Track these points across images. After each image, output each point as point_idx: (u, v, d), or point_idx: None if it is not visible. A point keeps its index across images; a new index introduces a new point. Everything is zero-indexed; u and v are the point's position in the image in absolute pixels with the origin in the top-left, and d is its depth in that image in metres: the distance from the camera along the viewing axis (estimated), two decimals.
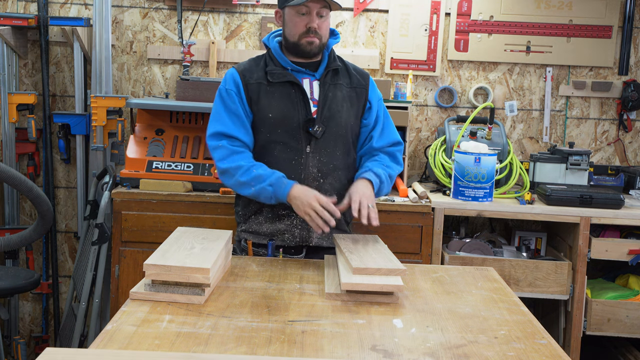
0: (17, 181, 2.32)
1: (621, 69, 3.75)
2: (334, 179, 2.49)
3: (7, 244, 2.48)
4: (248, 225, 2.52)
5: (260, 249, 2.50)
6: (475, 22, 3.72)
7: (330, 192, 2.47)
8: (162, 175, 3.16)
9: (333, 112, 2.47)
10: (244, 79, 2.48)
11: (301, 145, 2.45)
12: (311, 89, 2.49)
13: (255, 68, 2.51)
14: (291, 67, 2.48)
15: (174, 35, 3.71)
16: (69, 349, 1.41)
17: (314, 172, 2.46)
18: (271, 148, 2.47)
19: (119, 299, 3.10)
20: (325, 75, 2.50)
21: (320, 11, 2.44)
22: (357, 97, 2.55)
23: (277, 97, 2.46)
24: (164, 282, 1.84)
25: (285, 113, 2.45)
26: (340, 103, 2.49)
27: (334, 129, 2.48)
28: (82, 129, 3.58)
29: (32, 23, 3.52)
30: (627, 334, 3.19)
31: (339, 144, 2.50)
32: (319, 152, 2.47)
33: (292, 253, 2.49)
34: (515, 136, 3.81)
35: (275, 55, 2.51)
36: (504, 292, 2.09)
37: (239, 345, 1.57)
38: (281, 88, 2.47)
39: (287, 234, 2.48)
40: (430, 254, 3.12)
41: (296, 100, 2.46)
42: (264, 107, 2.46)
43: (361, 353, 1.57)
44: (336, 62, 2.54)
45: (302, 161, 2.45)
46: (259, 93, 2.47)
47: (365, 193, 2.35)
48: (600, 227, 3.27)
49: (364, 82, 2.58)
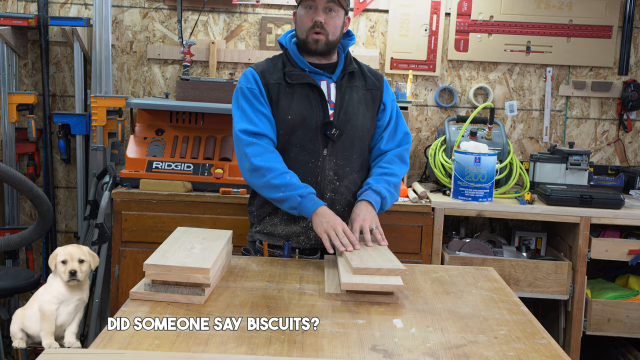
0: (17, 181, 2.32)
1: (621, 69, 3.75)
2: (349, 181, 2.48)
3: (7, 244, 2.47)
4: (263, 226, 2.50)
5: (276, 250, 2.48)
6: (475, 22, 3.72)
7: (346, 195, 2.47)
8: (162, 175, 3.15)
9: (350, 115, 2.46)
10: (264, 79, 2.45)
11: (318, 148, 2.43)
12: (328, 91, 2.47)
13: (274, 69, 2.48)
14: (309, 68, 2.47)
15: (174, 35, 3.71)
16: (69, 349, 1.41)
17: (330, 175, 2.45)
18: (288, 150, 2.44)
19: (119, 299, 3.10)
20: (342, 77, 2.49)
21: (327, 6, 2.41)
22: (372, 99, 2.54)
23: (296, 98, 2.44)
24: (164, 282, 1.84)
25: (304, 115, 2.42)
26: (356, 106, 2.48)
27: (350, 132, 2.46)
28: (82, 129, 3.58)
29: (32, 23, 3.52)
30: (627, 334, 3.19)
31: (355, 146, 2.48)
32: (336, 155, 2.45)
33: (306, 254, 2.48)
34: (515, 136, 3.81)
35: (293, 57, 2.48)
36: (504, 292, 2.09)
37: (239, 345, 1.57)
38: (300, 89, 2.44)
39: (302, 237, 2.46)
40: (430, 254, 3.12)
41: (315, 102, 2.44)
42: (283, 109, 2.44)
43: (361, 353, 1.57)
44: (352, 64, 2.53)
45: (319, 164, 2.44)
46: (279, 94, 2.44)
47: (367, 217, 2.32)
48: (600, 227, 3.27)
49: (378, 83, 2.56)
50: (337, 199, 2.45)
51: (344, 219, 2.43)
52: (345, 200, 2.47)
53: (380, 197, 2.42)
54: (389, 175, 2.49)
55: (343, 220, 2.33)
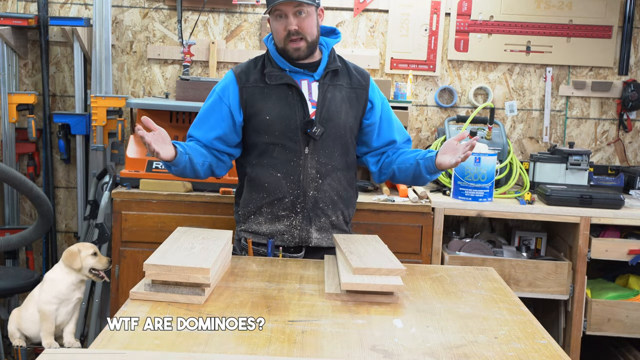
0: (17, 181, 2.32)
1: (621, 69, 3.75)
2: (332, 179, 2.49)
3: (7, 244, 2.48)
4: (248, 225, 2.53)
5: (260, 247, 2.50)
6: (475, 22, 3.72)
7: (329, 193, 2.48)
8: (162, 175, 3.15)
9: (332, 114, 2.47)
10: (240, 82, 2.48)
11: (300, 146, 2.45)
12: (309, 90, 2.48)
13: (253, 70, 2.50)
14: (289, 68, 2.47)
15: (174, 35, 3.71)
16: (69, 349, 1.41)
17: (313, 173, 2.46)
18: (270, 150, 2.47)
19: (119, 299, 3.10)
20: (325, 76, 2.49)
21: (296, 10, 2.38)
22: (357, 98, 2.54)
23: (274, 99, 2.46)
24: (164, 282, 1.84)
25: (283, 115, 2.44)
26: (339, 104, 2.49)
27: (332, 130, 2.47)
28: (82, 129, 3.58)
29: (32, 23, 3.52)
30: (627, 334, 3.19)
31: (337, 145, 2.50)
32: (318, 153, 2.46)
33: (291, 252, 2.49)
34: (515, 136, 3.81)
35: (273, 57, 2.50)
36: (504, 292, 2.09)
37: (239, 345, 1.57)
38: (278, 90, 2.46)
39: (286, 235, 2.48)
40: (430, 254, 3.12)
41: (293, 102, 2.45)
42: (260, 110, 2.46)
43: (361, 353, 1.57)
44: (336, 62, 2.52)
45: (301, 162, 2.45)
46: (255, 96, 2.47)
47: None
48: (600, 227, 3.27)
49: (364, 82, 2.56)
50: (320, 197, 2.47)
51: (328, 216, 2.48)
52: (328, 198, 2.48)
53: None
54: None
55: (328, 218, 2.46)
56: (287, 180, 2.44)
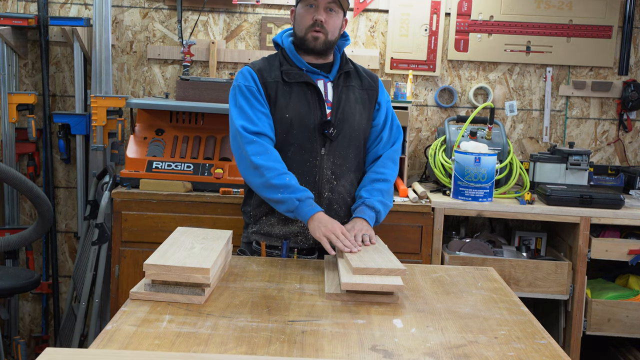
0: (17, 181, 2.32)
1: (621, 69, 3.75)
2: (346, 180, 2.48)
3: (7, 244, 2.47)
4: (259, 226, 2.48)
5: (273, 250, 2.47)
6: (475, 22, 3.72)
7: (343, 195, 2.47)
8: (162, 175, 3.16)
9: (347, 115, 2.47)
10: (262, 77, 2.45)
11: (316, 147, 2.44)
12: (325, 91, 2.48)
13: (270, 67, 2.48)
14: (306, 67, 2.47)
15: (174, 35, 3.71)
16: (69, 349, 1.41)
17: (328, 174, 2.45)
18: (286, 149, 2.43)
19: (119, 299, 3.10)
20: (339, 77, 2.50)
21: (329, 5, 2.43)
22: (368, 99, 2.55)
23: (293, 97, 2.44)
24: (164, 282, 1.84)
25: (302, 114, 2.43)
26: (353, 105, 2.49)
27: (347, 131, 2.47)
28: (82, 129, 3.58)
29: (32, 23, 3.52)
30: (627, 334, 3.19)
31: (352, 146, 2.49)
32: (333, 154, 2.45)
33: (304, 254, 2.47)
34: (515, 136, 3.81)
35: (289, 55, 2.49)
36: (504, 292, 2.09)
37: (239, 345, 1.57)
38: (297, 88, 2.45)
39: (300, 237, 2.45)
40: (430, 254, 3.12)
41: (312, 101, 2.44)
42: (281, 107, 2.43)
43: (361, 353, 1.57)
44: (348, 64, 2.54)
45: (317, 163, 2.44)
46: (277, 92, 2.44)
47: (362, 229, 2.32)
48: (600, 227, 3.27)
49: (374, 84, 2.58)
50: (334, 199, 2.45)
51: (342, 218, 2.43)
52: (342, 199, 2.47)
53: (375, 211, 2.42)
54: (382, 181, 2.49)
55: (340, 221, 2.33)
56: (303, 181, 2.40)
